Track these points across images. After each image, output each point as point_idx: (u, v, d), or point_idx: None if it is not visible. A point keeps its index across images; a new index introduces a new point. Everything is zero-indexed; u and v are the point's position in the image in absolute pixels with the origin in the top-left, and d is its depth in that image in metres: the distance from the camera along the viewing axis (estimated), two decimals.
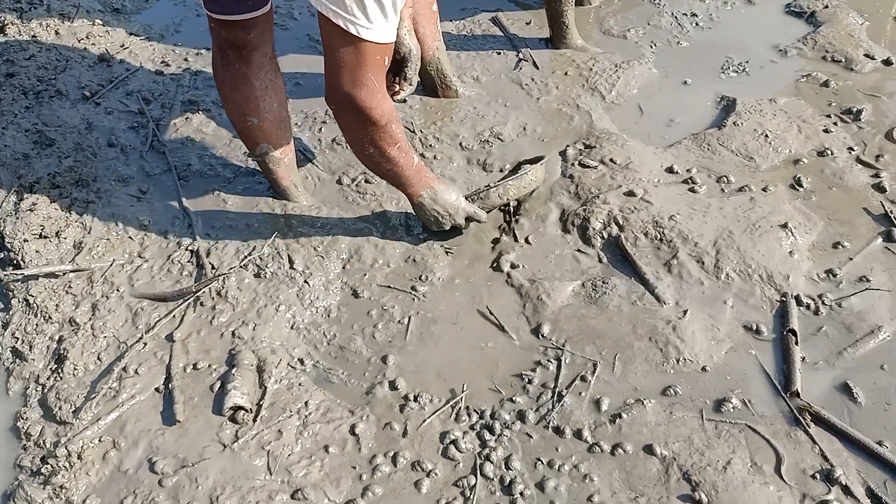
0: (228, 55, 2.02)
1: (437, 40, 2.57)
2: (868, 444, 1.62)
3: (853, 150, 2.47)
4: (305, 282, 2.03)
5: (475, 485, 1.60)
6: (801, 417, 1.69)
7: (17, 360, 1.89)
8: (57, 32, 3.08)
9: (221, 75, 2.08)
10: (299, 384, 1.81)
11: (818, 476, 1.58)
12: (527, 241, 2.18)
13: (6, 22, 3.08)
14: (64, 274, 2.05)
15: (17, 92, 2.72)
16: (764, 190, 2.29)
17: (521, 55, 2.99)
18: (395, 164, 1.95)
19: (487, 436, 1.69)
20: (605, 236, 2.17)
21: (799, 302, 1.95)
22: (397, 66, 2.13)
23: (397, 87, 2.16)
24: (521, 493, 1.57)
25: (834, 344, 1.86)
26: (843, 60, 2.92)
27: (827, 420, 1.67)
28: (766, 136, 2.51)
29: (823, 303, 1.95)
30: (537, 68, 2.91)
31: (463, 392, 1.79)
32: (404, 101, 2.71)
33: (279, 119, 2.15)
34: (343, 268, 2.10)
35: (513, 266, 2.11)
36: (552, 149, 2.51)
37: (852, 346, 1.84)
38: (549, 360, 1.85)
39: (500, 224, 2.23)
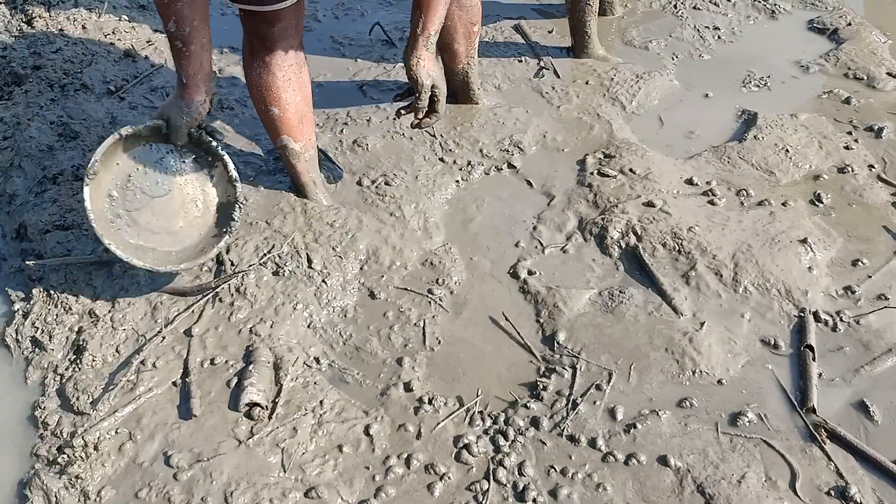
0: (254, 44, 2.07)
1: (469, 56, 2.60)
2: (884, 462, 1.61)
3: (874, 167, 2.46)
4: (323, 281, 2.05)
5: (488, 490, 1.60)
6: (816, 434, 1.68)
7: (37, 349, 1.91)
8: (84, 27, 3.11)
9: (247, 62, 2.14)
10: (315, 383, 1.82)
11: (833, 493, 1.58)
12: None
13: (34, 15, 3.12)
14: (85, 265, 2.07)
15: (43, 84, 2.75)
16: (784, 205, 2.29)
17: (542, 63, 3.00)
18: None
19: (501, 441, 1.69)
20: (623, 246, 2.17)
21: (817, 318, 1.94)
22: (429, 102, 2.10)
23: (425, 118, 2.15)
24: (534, 500, 1.57)
25: (851, 361, 1.85)
26: (866, 78, 2.92)
27: (843, 437, 1.67)
28: (787, 150, 2.51)
29: (841, 319, 1.94)
30: (558, 77, 2.92)
31: (477, 396, 1.80)
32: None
33: (301, 113, 2.18)
34: (361, 269, 2.11)
35: (529, 273, 2.11)
36: (572, 157, 2.52)
37: (870, 363, 1.84)
38: (564, 368, 1.85)
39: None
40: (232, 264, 2.08)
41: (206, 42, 1.82)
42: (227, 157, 2.01)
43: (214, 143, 1.99)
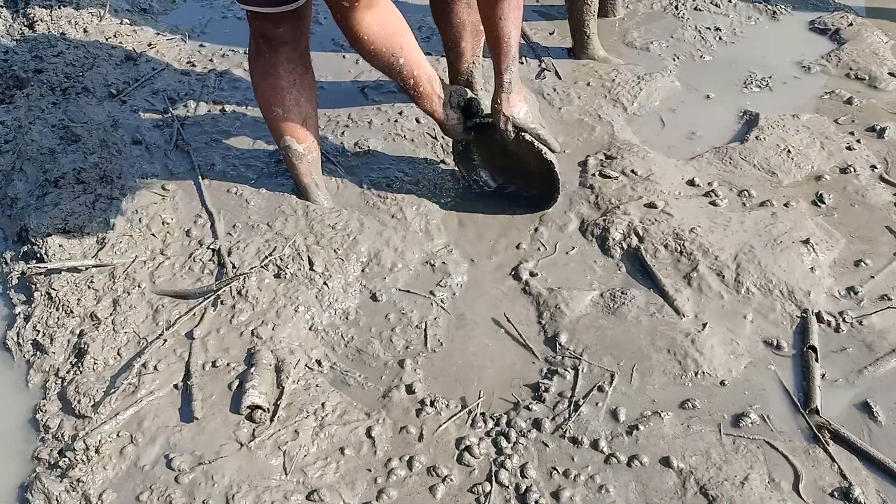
0: (260, 44, 2.08)
1: (475, 55, 2.61)
2: (888, 463, 1.60)
3: (876, 167, 2.45)
4: (325, 284, 2.04)
5: (490, 492, 1.59)
6: (820, 435, 1.67)
7: (38, 352, 1.91)
8: (85, 30, 3.12)
9: (253, 62, 2.15)
10: (316, 385, 1.81)
11: (836, 494, 1.57)
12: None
13: (36, 19, 3.13)
14: (86, 269, 2.07)
15: (44, 88, 2.76)
16: (786, 205, 2.28)
17: (543, 65, 3.00)
18: None
19: (503, 443, 1.69)
20: (625, 247, 2.16)
21: (820, 318, 1.94)
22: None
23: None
24: (537, 502, 1.57)
25: (854, 362, 1.84)
26: (867, 78, 2.91)
27: (846, 438, 1.66)
28: (789, 151, 2.50)
29: (844, 320, 1.93)
30: (559, 78, 2.92)
31: (479, 398, 1.79)
32: None
33: (304, 114, 2.19)
34: (362, 271, 2.11)
35: (531, 274, 2.11)
36: (573, 159, 2.52)
37: (873, 364, 1.83)
38: (566, 370, 1.85)
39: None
40: (233, 267, 2.08)
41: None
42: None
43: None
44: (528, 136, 2.16)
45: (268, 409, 1.75)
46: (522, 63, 3.01)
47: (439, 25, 2.52)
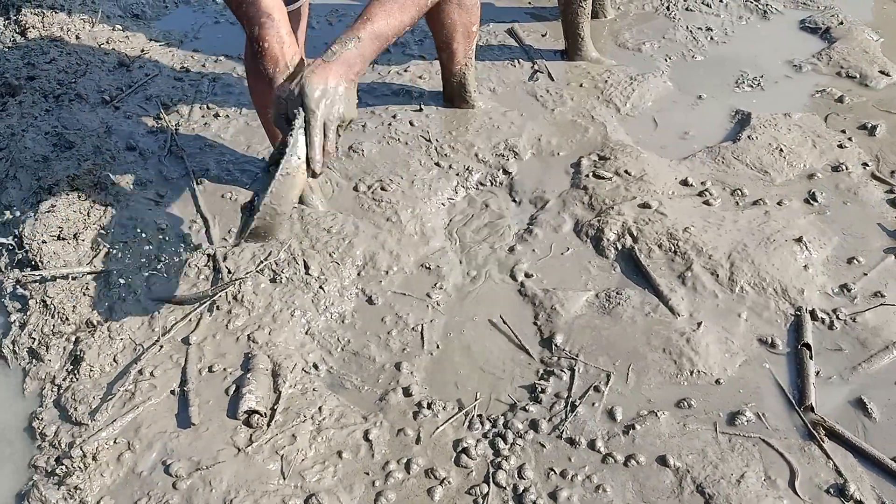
0: (255, 47, 2.05)
1: (467, 57, 2.61)
2: (882, 459, 1.61)
3: (868, 165, 2.47)
4: (321, 287, 2.05)
5: (488, 493, 1.60)
6: (815, 432, 1.68)
7: (34, 360, 1.91)
8: (78, 37, 3.12)
9: (248, 64, 2.14)
10: (313, 389, 1.82)
11: (832, 491, 1.58)
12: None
13: (28, 25, 3.12)
14: (81, 276, 2.07)
15: (37, 95, 2.75)
16: (778, 204, 2.29)
17: (536, 67, 3.01)
18: None
19: (500, 444, 1.69)
20: (619, 247, 2.17)
21: (813, 316, 1.95)
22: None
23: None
24: (534, 503, 1.57)
25: (848, 359, 1.86)
26: (858, 76, 2.93)
27: (841, 435, 1.67)
28: (781, 150, 2.52)
29: (838, 317, 1.94)
30: (552, 80, 2.93)
31: (476, 400, 1.80)
32: (420, 109, 2.73)
33: None
34: (358, 274, 2.11)
35: (527, 275, 2.11)
36: (567, 160, 2.53)
37: (867, 361, 1.84)
38: (562, 371, 1.86)
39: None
40: (229, 272, 2.08)
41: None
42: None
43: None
44: (301, 115, 1.57)
45: (265, 413, 1.75)
46: (516, 65, 3.02)
47: (430, 26, 2.52)
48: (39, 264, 2.09)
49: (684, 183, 2.40)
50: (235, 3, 1.69)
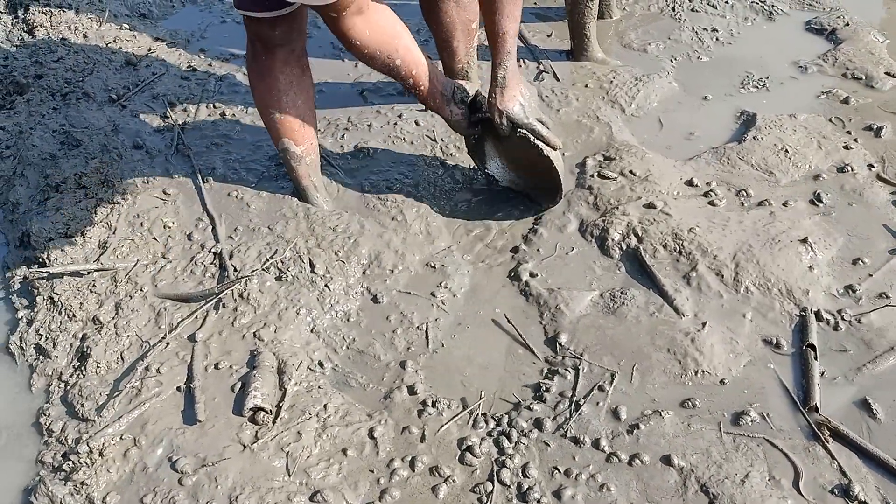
0: (257, 47, 2.10)
1: (469, 55, 2.61)
2: (887, 460, 1.61)
3: (873, 166, 2.46)
4: (326, 286, 2.05)
5: (492, 491, 1.60)
6: (819, 432, 1.68)
7: (41, 356, 1.92)
8: (85, 36, 3.13)
9: (250, 65, 2.17)
10: (319, 387, 1.82)
11: (836, 491, 1.58)
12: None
13: (36, 24, 3.14)
14: (88, 273, 2.08)
15: (45, 93, 2.77)
16: (784, 205, 2.30)
17: (541, 67, 3.01)
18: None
19: (505, 443, 1.70)
20: (624, 247, 2.18)
21: (818, 317, 1.95)
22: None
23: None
24: (538, 501, 1.58)
25: (853, 360, 1.85)
26: (864, 78, 2.92)
27: (846, 436, 1.67)
28: (787, 151, 2.52)
29: (843, 318, 1.94)
30: (558, 80, 2.93)
31: (481, 399, 1.80)
32: (426, 108, 2.73)
33: (302, 116, 2.19)
34: (363, 273, 2.12)
35: (531, 275, 2.12)
36: (572, 160, 2.53)
37: (872, 362, 1.84)
38: (566, 370, 1.86)
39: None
40: (235, 270, 2.09)
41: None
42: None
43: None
44: (524, 132, 2.14)
45: (270, 410, 1.76)
46: (521, 65, 3.02)
47: (430, 26, 2.53)
48: (47, 261, 2.10)
49: (689, 183, 2.41)
50: (385, 68, 2.07)
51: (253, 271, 2.07)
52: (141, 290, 2.05)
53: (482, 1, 2.04)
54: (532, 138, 2.14)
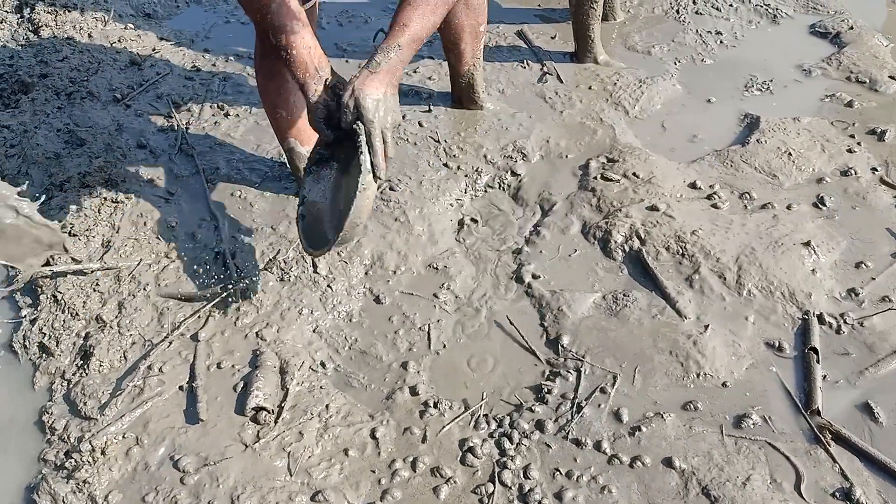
0: (266, 46, 2.08)
1: (475, 57, 2.61)
2: (889, 464, 1.61)
3: (877, 170, 2.46)
4: (328, 286, 2.06)
5: (493, 492, 1.60)
6: (821, 436, 1.68)
7: (44, 355, 1.92)
8: (90, 35, 3.14)
9: (258, 64, 2.16)
10: (321, 387, 1.83)
11: (838, 495, 1.58)
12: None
13: (41, 24, 3.15)
14: (92, 272, 2.08)
15: (49, 92, 2.77)
16: (787, 208, 2.29)
17: (545, 68, 3.02)
18: None
19: (506, 444, 1.70)
20: (627, 249, 2.18)
21: (821, 320, 1.95)
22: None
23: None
24: (539, 503, 1.58)
25: (855, 363, 1.85)
26: (868, 81, 2.92)
27: (847, 439, 1.67)
28: (790, 154, 2.52)
29: (845, 322, 1.94)
30: (561, 82, 2.93)
31: (482, 400, 1.80)
32: (429, 110, 2.73)
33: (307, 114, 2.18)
34: (366, 273, 2.12)
35: (534, 276, 2.12)
36: (575, 162, 2.53)
37: (874, 365, 1.84)
38: (568, 372, 1.86)
39: None
40: (238, 270, 2.09)
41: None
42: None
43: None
44: (362, 130, 1.67)
45: (272, 410, 1.76)
46: (525, 67, 3.03)
47: (438, 27, 2.53)
48: (50, 260, 2.10)
49: (693, 186, 2.40)
50: (259, 13, 1.74)
51: (256, 271, 2.08)
52: (144, 289, 2.05)
53: None
54: (363, 140, 1.67)
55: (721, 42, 3.22)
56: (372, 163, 1.68)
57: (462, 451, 1.69)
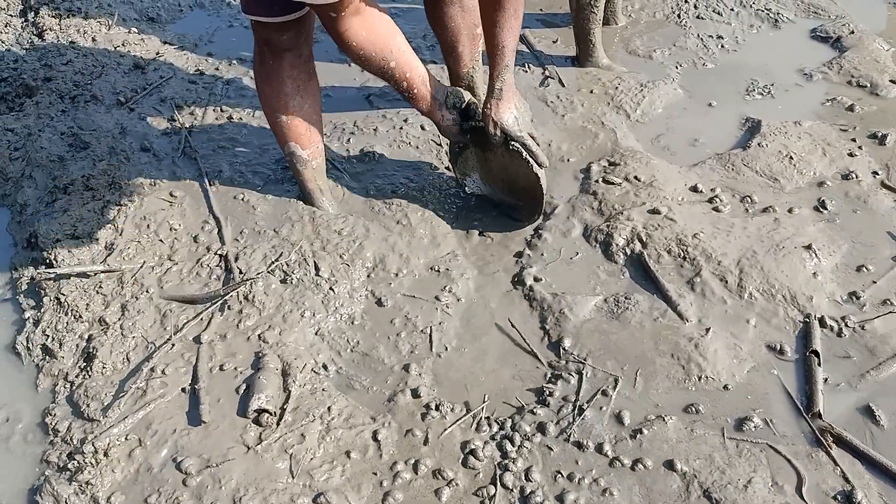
0: (265, 51, 2.11)
1: (474, 59, 2.62)
2: (890, 466, 1.61)
3: (878, 173, 2.47)
4: (331, 289, 2.06)
5: (495, 495, 1.61)
6: (822, 438, 1.68)
7: (47, 357, 1.93)
8: (94, 39, 3.16)
9: (258, 69, 2.17)
10: (323, 389, 1.83)
11: (839, 498, 1.58)
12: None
13: (45, 28, 3.16)
14: (95, 274, 2.09)
15: (53, 96, 2.79)
16: (788, 211, 2.30)
17: (547, 72, 3.02)
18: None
19: (508, 447, 1.70)
20: (629, 253, 2.18)
21: (822, 323, 1.95)
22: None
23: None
24: None
25: (857, 366, 1.86)
26: (869, 85, 2.93)
27: (849, 442, 1.67)
28: (791, 157, 2.52)
29: (847, 325, 1.95)
30: (563, 86, 2.94)
31: (484, 402, 1.81)
32: None
33: (308, 121, 2.21)
34: (368, 276, 2.13)
35: (535, 279, 2.12)
36: (577, 165, 2.54)
37: (875, 368, 1.84)
38: (570, 374, 1.86)
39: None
40: (240, 272, 2.10)
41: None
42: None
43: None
44: (516, 145, 2.14)
45: (274, 412, 1.76)
46: (526, 71, 3.04)
47: (435, 30, 2.54)
48: (54, 262, 2.11)
49: (694, 189, 2.41)
50: (380, 73, 2.07)
51: (258, 273, 2.08)
52: (147, 291, 2.06)
53: (484, 14, 2.06)
54: (524, 153, 2.14)
55: (722, 46, 3.23)
56: (538, 162, 2.16)
57: (464, 453, 1.70)
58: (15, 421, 1.80)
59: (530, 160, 2.15)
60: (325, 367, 1.89)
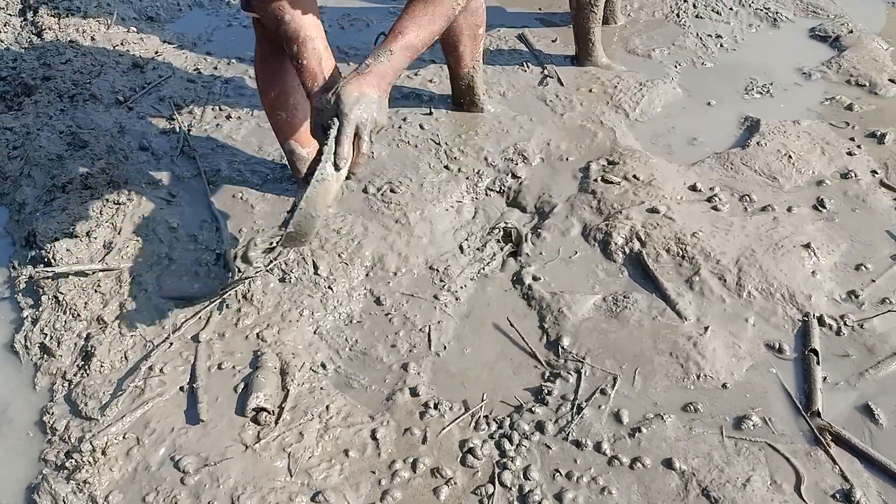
0: (265, 49, 2.11)
1: (475, 60, 2.62)
2: (889, 465, 1.61)
3: (877, 172, 2.47)
4: (329, 288, 2.06)
5: (493, 493, 1.61)
6: (821, 437, 1.68)
7: (45, 355, 1.92)
8: (93, 38, 3.16)
9: (258, 67, 2.18)
10: (321, 388, 1.83)
11: (838, 496, 1.58)
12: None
13: (44, 27, 3.16)
14: (93, 273, 2.09)
15: (52, 95, 2.79)
16: (787, 210, 2.30)
17: (546, 72, 3.02)
18: None
19: (506, 445, 1.70)
20: (627, 251, 2.18)
21: (821, 322, 1.95)
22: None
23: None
24: None
25: (855, 365, 1.85)
26: (868, 84, 2.93)
27: (848, 440, 1.67)
28: (790, 156, 2.52)
29: (845, 323, 1.94)
30: (562, 85, 2.94)
31: (483, 401, 1.81)
32: (430, 112, 2.74)
33: (308, 118, 2.20)
34: (366, 275, 2.13)
35: (534, 278, 2.12)
36: (575, 165, 2.54)
37: (874, 367, 1.84)
38: (568, 373, 1.86)
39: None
40: (239, 271, 2.10)
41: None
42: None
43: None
44: (335, 125, 1.66)
45: (273, 411, 1.76)
46: (526, 70, 3.03)
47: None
48: (52, 261, 2.11)
49: (693, 188, 2.41)
50: (274, 23, 1.76)
51: (257, 272, 2.08)
52: (145, 290, 2.06)
53: (408, 3, 1.82)
54: (333, 132, 1.66)
55: (721, 45, 3.23)
56: (336, 154, 1.65)
57: (462, 451, 1.70)
58: (13, 419, 1.80)
59: (330, 146, 1.66)
60: (323, 365, 1.89)
